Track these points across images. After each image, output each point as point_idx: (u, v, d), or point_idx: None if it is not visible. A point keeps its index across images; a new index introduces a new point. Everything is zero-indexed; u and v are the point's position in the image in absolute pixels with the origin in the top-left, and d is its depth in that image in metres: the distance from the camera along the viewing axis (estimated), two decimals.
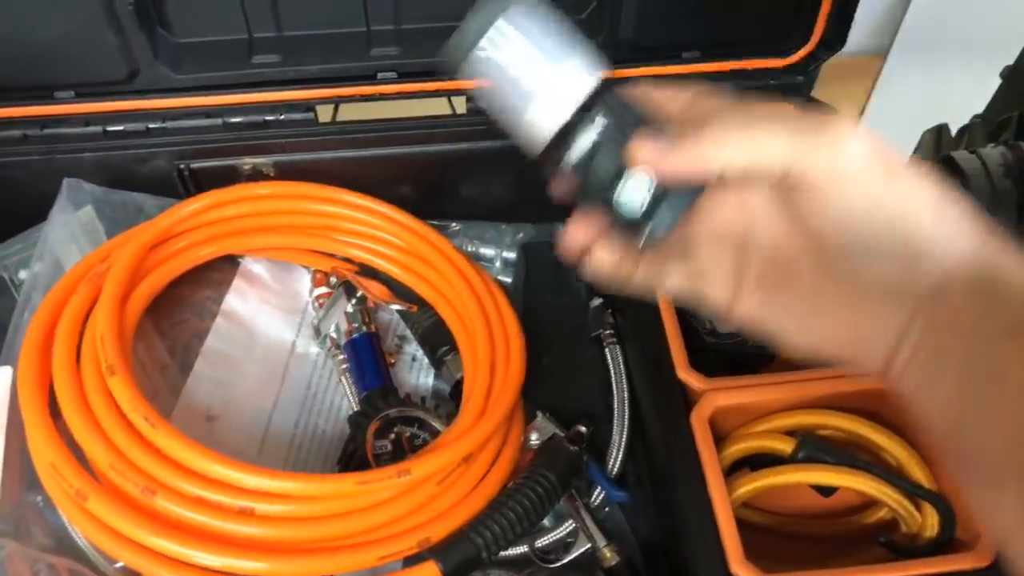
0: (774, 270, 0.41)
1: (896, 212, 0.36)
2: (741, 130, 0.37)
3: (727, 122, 0.38)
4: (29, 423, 0.52)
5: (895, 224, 0.36)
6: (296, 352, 0.68)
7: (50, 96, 0.67)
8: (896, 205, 0.36)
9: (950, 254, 0.35)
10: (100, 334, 0.53)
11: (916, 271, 0.36)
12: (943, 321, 0.35)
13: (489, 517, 0.53)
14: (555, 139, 0.40)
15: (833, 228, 0.37)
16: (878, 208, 0.36)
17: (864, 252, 0.37)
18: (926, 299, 0.36)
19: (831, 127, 0.36)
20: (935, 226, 0.36)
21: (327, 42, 0.69)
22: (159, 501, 0.48)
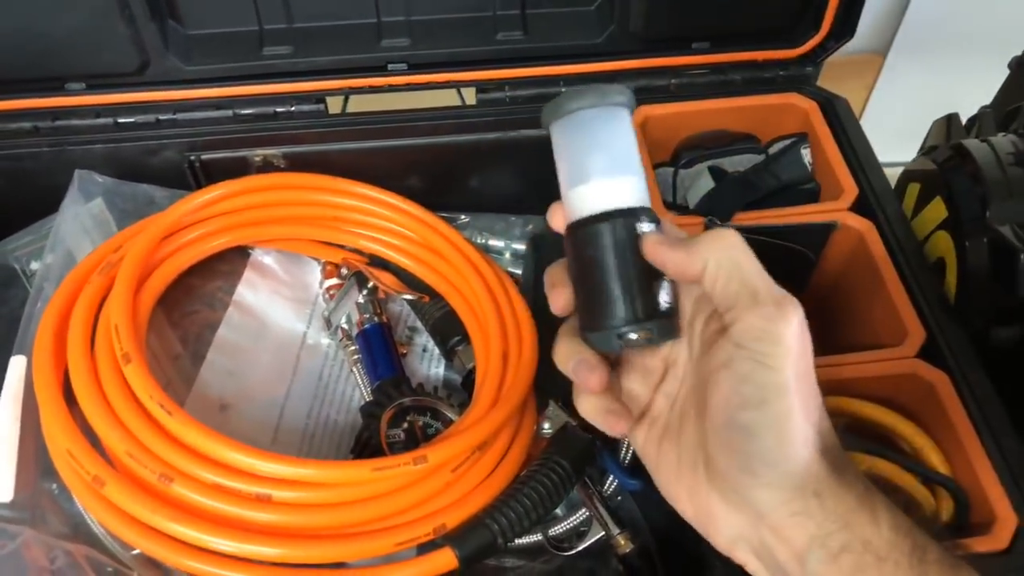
0: (671, 415, 0.43)
1: (781, 413, 0.37)
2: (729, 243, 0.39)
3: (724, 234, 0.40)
4: (44, 411, 0.52)
5: (773, 422, 0.37)
6: (307, 343, 0.68)
7: (61, 88, 0.67)
8: (785, 407, 0.37)
9: (789, 479, 0.37)
10: (115, 323, 0.53)
11: (763, 479, 0.37)
12: (773, 540, 0.38)
13: (504, 504, 0.52)
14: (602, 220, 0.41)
15: (728, 388, 0.38)
16: (771, 397, 0.37)
17: (741, 426, 0.37)
18: (758, 515, 0.38)
19: (787, 304, 0.38)
20: (799, 452, 0.37)
21: (337, 33, 0.69)
22: (176, 488, 0.48)
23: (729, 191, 0.64)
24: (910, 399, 0.56)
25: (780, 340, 0.37)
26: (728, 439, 0.38)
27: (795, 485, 0.37)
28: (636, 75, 0.72)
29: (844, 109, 0.71)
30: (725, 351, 0.38)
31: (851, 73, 1.36)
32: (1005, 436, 0.52)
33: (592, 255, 0.41)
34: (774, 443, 0.37)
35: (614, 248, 0.41)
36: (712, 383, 0.39)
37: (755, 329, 0.37)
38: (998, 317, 0.57)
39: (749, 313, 0.37)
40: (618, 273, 0.41)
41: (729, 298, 0.38)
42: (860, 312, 0.64)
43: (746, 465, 0.38)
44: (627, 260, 0.41)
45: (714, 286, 0.39)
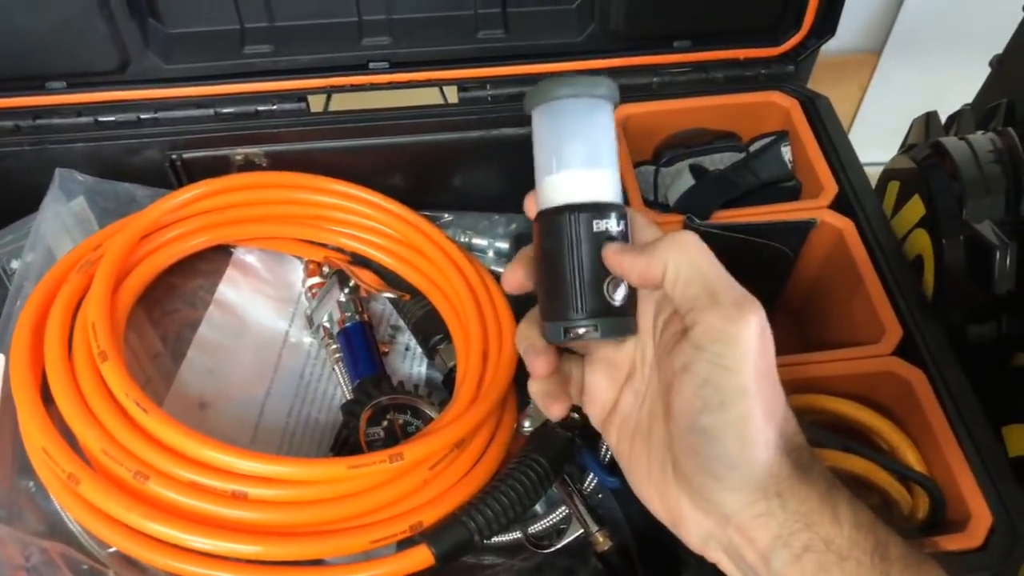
0: (640, 414, 0.43)
1: (741, 416, 0.37)
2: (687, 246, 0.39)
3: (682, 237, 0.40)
4: (21, 409, 0.51)
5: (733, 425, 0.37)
6: (289, 342, 0.68)
7: (42, 87, 0.67)
8: (745, 410, 0.37)
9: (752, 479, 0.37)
10: (92, 321, 0.53)
11: (727, 482, 0.38)
12: (739, 540, 0.38)
13: (482, 502, 0.53)
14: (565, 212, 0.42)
15: (689, 391, 0.38)
16: (731, 400, 0.37)
17: (702, 430, 0.38)
18: (724, 517, 0.38)
19: (746, 305, 0.37)
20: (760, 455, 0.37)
21: (319, 32, 0.69)
22: (151, 486, 0.48)
23: (708, 189, 0.64)
24: (887, 396, 0.56)
25: (738, 341, 0.37)
26: (691, 443, 0.38)
27: (757, 487, 0.37)
28: (617, 73, 0.72)
29: (825, 107, 0.71)
30: (685, 354, 0.38)
31: (845, 73, 1.36)
32: (981, 433, 0.53)
33: (550, 246, 0.42)
34: (735, 447, 0.37)
35: (570, 242, 0.41)
36: (674, 386, 0.39)
37: (713, 331, 0.37)
38: (974, 314, 0.57)
39: (707, 315, 0.37)
40: (571, 267, 0.41)
41: (688, 300, 0.38)
42: (839, 309, 0.64)
43: (709, 468, 0.38)
44: (581, 255, 0.41)
45: (674, 289, 0.39)
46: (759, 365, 0.37)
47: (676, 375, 0.39)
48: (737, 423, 0.37)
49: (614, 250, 0.41)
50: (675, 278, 0.39)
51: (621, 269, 0.40)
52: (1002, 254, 0.54)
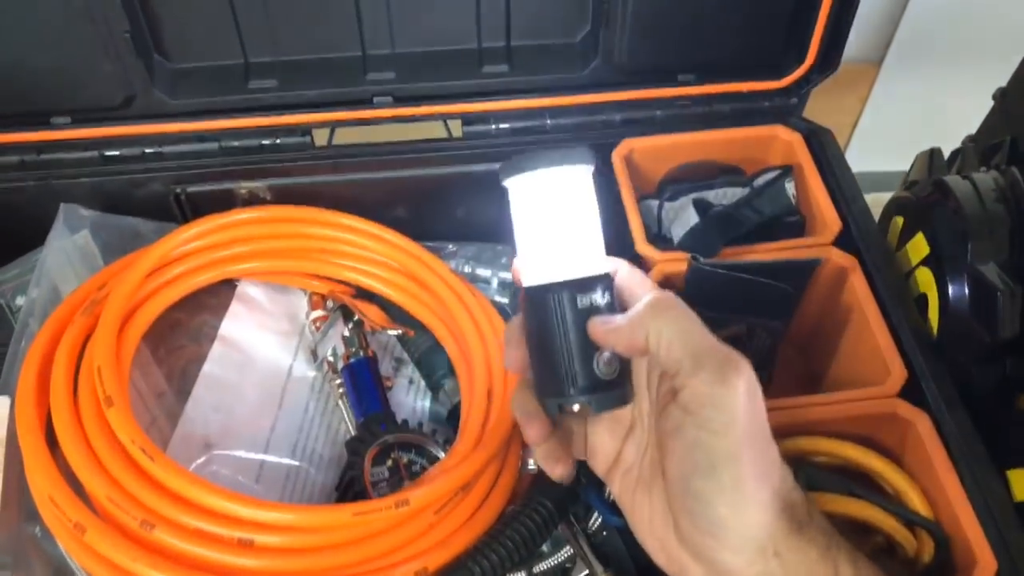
0: (643, 466, 0.44)
1: (732, 479, 0.37)
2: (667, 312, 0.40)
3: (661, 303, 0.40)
4: (27, 455, 0.51)
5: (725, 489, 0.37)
6: (294, 376, 0.68)
7: (47, 122, 0.68)
8: (736, 474, 0.37)
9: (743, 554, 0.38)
10: (97, 365, 0.53)
11: (724, 543, 0.38)
12: None
13: (487, 546, 0.52)
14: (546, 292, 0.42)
15: (680, 454, 0.39)
16: (721, 464, 0.37)
17: (694, 493, 0.38)
18: (724, 573, 0.38)
19: (730, 367, 0.38)
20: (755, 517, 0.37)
21: (323, 67, 0.69)
22: (157, 534, 0.48)
23: (712, 227, 0.64)
24: (891, 438, 0.57)
25: (725, 406, 0.37)
26: (685, 505, 0.39)
27: (755, 548, 0.37)
28: (621, 107, 0.72)
29: (829, 141, 0.71)
30: (675, 417, 0.39)
31: (846, 83, 1.37)
32: (986, 477, 0.53)
33: (536, 324, 0.42)
34: (728, 510, 0.37)
35: (557, 321, 0.41)
36: (666, 448, 0.40)
37: (700, 396, 0.38)
38: (979, 356, 0.57)
39: (693, 380, 0.38)
40: (560, 345, 0.41)
41: (673, 365, 0.39)
42: (843, 346, 0.64)
43: (705, 529, 0.38)
44: (569, 333, 0.41)
45: (659, 354, 0.39)
46: (749, 427, 0.37)
47: (668, 437, 0.39)
48: (728, 487, 0.37)
49: (599, 325, 0.41)
50: (658, 344, 0.39)
51: (607, 343, 0.41)
52: (1006, 298, 0.54)
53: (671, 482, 0.39)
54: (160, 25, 0.65)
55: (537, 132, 0.72)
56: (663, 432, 0.40)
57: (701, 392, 0.38)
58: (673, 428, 0.39)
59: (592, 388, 0.41)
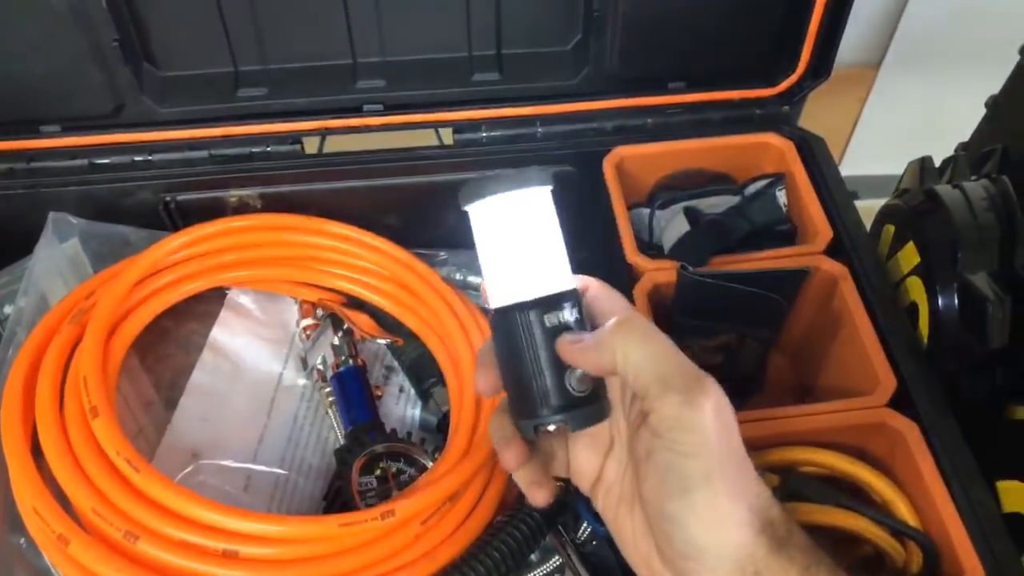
0: (624, 483, 0.44)
1: (706, 500, 0.37)
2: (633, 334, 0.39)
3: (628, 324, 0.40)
4: (12, 466, 0.51)
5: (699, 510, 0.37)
6: (283, 384, 0.68)
7: (36, 130, 0.68)
8: (709, 495, 0.37)
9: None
10: (83, 375, 0.53)
11: (703, 564, 0.38)
12: None
13: (474, 557, 0.52)
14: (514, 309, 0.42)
15: (653, 479, 0.38)
16: (694, 486, 0.37)
17: (669, 517, 0.38)
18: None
19: (697, 388, 0.38)
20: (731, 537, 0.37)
21: (313, 75, 0.69)
22: (141, 545, 0.48)
23: (702, 236, 0.64)
24: (880, 448, 0.56)
25: (694, 427, 0.37)
26: (661, 528, 0.39)
27: (734, 568, 0.37)
28: (612, 115, 0.72)
29: (820, 149, 0.71)
30: (646, 440, 0.39)
31: (845, 86, 1.37)
32: (975, 488, 0.52)
33: (505, 345, 0.42)
34: (702, 531, 0.37)
35: (526, 342, 0.41)
36: (640, 473, 0.40)
37: (669, 419, 0.37)
38: (969, 366, 0.57)
39: (660, 403, 0.38)
40: (531, 366, 0.41)
41: (641, 388, 0.38)
42: (833, 355, 0.64)
43: (683, 551, 0.38)
44: (538, 353, 0.41)
45: (626, 377, 0.39)
46: (720, 447, 0.37)
47: (640, 462, 0.39)
48: (702, 508, 0.37)
49: (567, 344, 0.41)
50: (625, 367, 0.39)
51: (575, 362, 0.41)
52: (996, 308, 0.53)
53: (647, 504, 0.39)
54: (149, 33, 0.65)
55: (528, 140, 0.72)
56: (636, 457, 0.40)
57: (669, 415, 0.37)
58: (645, 453, 0.39)
59: (567, 406, 0.41)
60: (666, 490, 0.38)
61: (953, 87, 1.30)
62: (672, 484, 0.37)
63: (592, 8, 0.66)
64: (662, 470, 0.38)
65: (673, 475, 0.37)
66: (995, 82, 0.74)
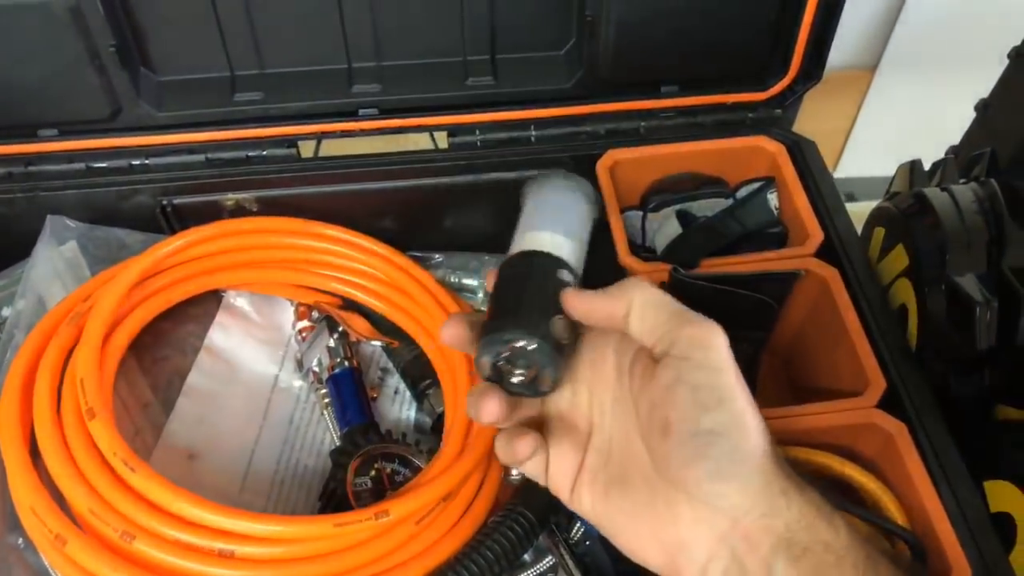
0: (609, 467, 0.45)
1: (739, 409, 0.40)
2: (648, 285, 0.43)
3: (642, 280, 0.44)
4: (10, 466, 0.52)
5: (734, 418, 0.40)
6: (279, 386, 0.69)
7: (34, 134, 0.68)
8: (741, 403, 0.40)
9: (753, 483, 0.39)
10: (80, 377, 0.54)
11: (734, 482, 0.39)
12: (744, 548, 0.39)
13: (467, 557, 0.53)
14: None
15: (684, 400, 0.40)
16: (727, 395, 0.40)
17: (707, 430, 0.40)
18: (731, 522, 0.39)
19: (709, 320, 0.41)
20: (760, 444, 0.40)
21: (309, 79, 0.70)
22: (138, 545, 0.48)
23: (695, 239, 0.64)
24: (869, 448, 0.57)
25: (717, 346, 0.40)
26: (695, 450, 0.40)
27: (764, 484, 0.39)
28: (605, 118, 0.73)
29: (812, 152, 0.71)
30: (671, 369, 0.41)
31: (841, 89, 1.37)
32: (962, 488, 0.53)
33: (512, 276, 0.46)
34: (739, 438, 0.39)
35: (531, 276, 0.46)
36: (666, 402, 0.41)
37: (695, 339, 0.40)
38: (958, 367, 0.57)
39: (683, 330, 0.41)
40: (529, 293, 0.45)
41: (661, 325, 0.41)
42: (824, 357, 0.65)
43: (717, 471, 0.39)
44: (541, 287, 0.45)
45: (642, 321, 0.42)
46: (736, 369, 0.41)
47: (666, 392, 0.41)
48: (737, 416, 0.39)
49: (575, 292, 0.44)
50: (642, 311, 0.42)
51: (584, 308, 0.44)
52: (983, 310, 0.54)
53: (679, 431, 0.40)
54: (146, 38, 0.66)
55: (522, 143, 0.73)
56: (657, 394, 0.41)
57: (695, 337, 0.40)
58: (672, 380, 0.41)
59: (541, 335, 0.43)
60: (699, 408, 0.40)
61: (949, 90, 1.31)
62: (704, 399, 0.40)
63: (585, 13, 0.67)
64: (693, 387, 0.40)
65: (703, 391, 0.40)
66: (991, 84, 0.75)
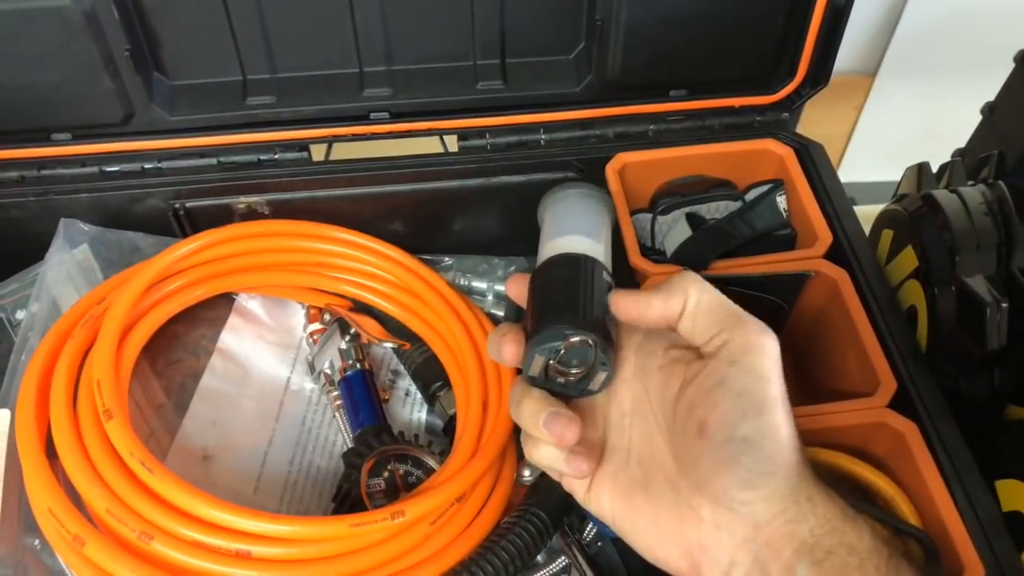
0: (630, 467, 0.45)
1: (777, 421, 0.40)
2: (703, 281, 0.43)
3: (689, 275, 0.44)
4: (27, 468, 0.52)
5: (771, 430, 0.39)
6: (291, 388, 0.69)
7: (47, 138, 0.68)
8: (780, 415, 0.40)
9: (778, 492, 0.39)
10: (97, 379, 0.54)
11: (763, 491, 0.39)
12: (766, 554, 0.39)
13: (482, 557, 0.53)
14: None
15: (726, 404, 0.40)
16: (767, 408, 0.40)
17: (743, 438, 0.39)
18: (754, 528, 0.40)
19: (763, 324, 0.42)
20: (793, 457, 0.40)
21: (320, 83, 0.70)
22: (156, 546, 0.48)
23: (705, 241, 0.65)
24: (881, 448, 0.57)
25: (769, 353, 0.40)
26: (729, 455, 0.39)
27: (789, 492, 0.39)
28: (614, 122, 0.73)
29: (819, 155, 0.72)
30: (717, 372, 0.41)
31: (841, 94, 1.38)
32: (974, 487, 0.53)
33: (564, 274, 0.47)
34: (775, 450, 0.39)
35: (581, 274, 0.46)
36: (707, 405, 0.41)
37: (749, 344, 0.40)
38: (968, 367, 0.57)
39: (739, 331, 0.41)
40: (581, 289, 0.45)
41: (715, 324, 0.41)
42: (834, 360, 0.65)
43: (746, 479, 0.39)
44: (593, 285, 0.46)
45: (696, 319, 0.42)
46: (782, 379, 0.41)
47: (708, 394, 0.41)
48: (774, 429, 0.39)
49: (625, 293, 0.45)
50: (697, 306, 0.42)
51: (637, 309, 0.44)
52: (993, 311, 0.54)
53: (714, 435, 0.40)
54: (159, 43, 0.66)
55: (531, 147, 0.73)
56: (702, 391, 0.41)
57: (750, 341, 0.40)
58: (716, 382, 0.41)
59: (598, 328, 0.44)
60: (740, 414, 0.39)
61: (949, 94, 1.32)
62: (747, 406, 0.39)
63: (595, 17, 0.67)
64: (736, 394, 0.40)
65: (747, 399, 0.40)
66: (990, 89, 0.75)
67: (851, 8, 0.68)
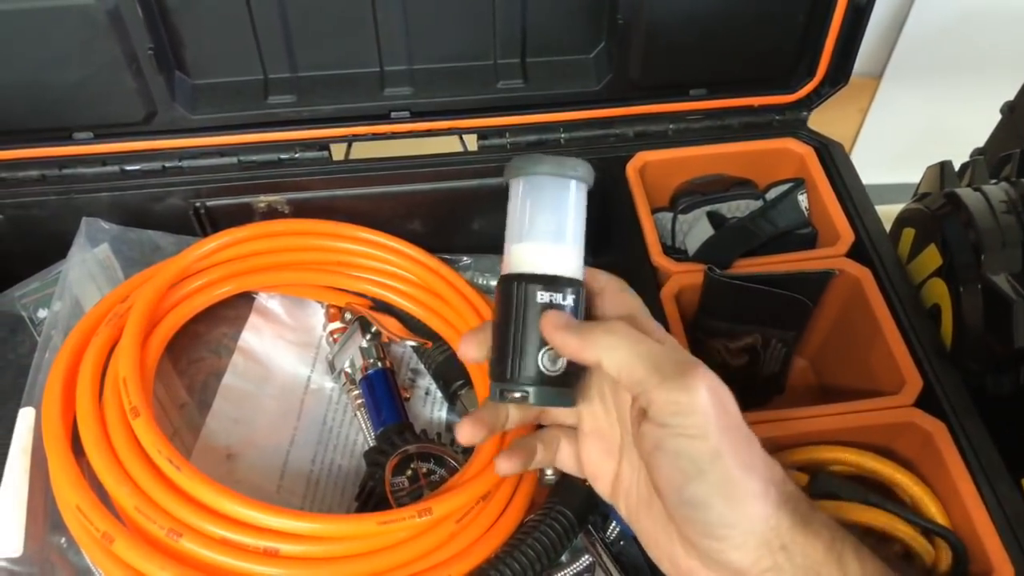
0: (640, 485, 0.45)
1: (722, 477, 0.38)
2: (620, 336, 0.41)
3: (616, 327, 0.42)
4: (54, 465, 0.52)
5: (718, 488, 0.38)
6: (311, 387, 0.69)
7: (69, 137, 0.69)
8: (724, 470, 0.38)
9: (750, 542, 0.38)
10: (123, 376, 0.54)
11: (729, 542, 0.39)
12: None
13: (508, 555, 0.53)
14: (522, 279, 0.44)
15: (667, 468, 0.39)
16: (707, 466, 0.38)
17: (689, 501, 0.39)
18: (735, 573, 0.39)
19: (690, 373, 0.39)
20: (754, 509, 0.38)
21: (341, 82, 0.70)
22: (184, 543, 0.48)
23: (728, 240, 0.65)
24: (908, 447, 0.57)
25: (694, 409, 0.38)
26: (684, 515, 0.39)
27: (760, 542, 0.38)
28: (634, 121, 0.73)
29: (839, 154, 0.72)
30: (652, 434, 0.40)
31: (846, 96, 1.37)
32: (1002, 486, 0.53)
33: (501, 310, 0.44)
34: (725, 507, 0.38)
35: (516, 308, 0.43)
36: (651, 466, 0.40)
37: (668, 405, 0.39)
38: (994, 366, 0.57)
39: (658, 392, 0.39)
40: (513, 332, 0.43)
41: (636, 384, 0.40)
42: (857, 357, 0.65)
43: (709, 533, 0.39)
44: (524, 322, 0.43)
45: (620, 377, 0.41)
46: (722, 423, 0.39)
47: (650, 456, 0.40)
48: (719, 485, 0.38)
49: (551, 321, 0.42)
50: (617, 369, 0.40)
51: (551, 338, 0.42)
52: (1019, 308, 0.54)
53: (665, 496, 0.40)
54: (182, 42, 0.66)
55: (552, 146, 0.73)
56: (645, 452, 0.41)
57: (669, 401, 0.39)
58: (652, 446, 0.40)
59: (533, 380, 0.43)
60: (681, 476, 0.39)
61: (954, 97, 1.32)
62: (685, 468, 0.39)
63: (617, 17, 0.67)
64: (672, 457, 0.39)
65: (684, 459, 0.39)
66: (996, 91, 0.75)
67: (872, 6, 0.68)
